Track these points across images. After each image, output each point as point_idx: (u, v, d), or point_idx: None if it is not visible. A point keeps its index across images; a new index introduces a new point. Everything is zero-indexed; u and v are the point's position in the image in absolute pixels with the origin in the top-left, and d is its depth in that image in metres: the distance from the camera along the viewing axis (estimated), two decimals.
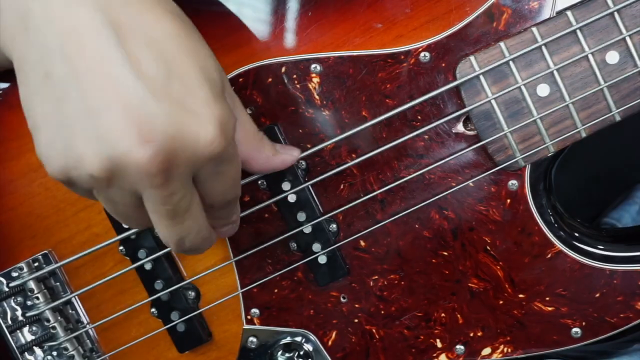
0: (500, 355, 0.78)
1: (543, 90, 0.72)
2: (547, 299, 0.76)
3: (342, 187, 0.78)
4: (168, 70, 0.56)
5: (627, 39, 0.70)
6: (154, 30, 0.57)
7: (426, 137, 0.75)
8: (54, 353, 0.86)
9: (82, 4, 0.55)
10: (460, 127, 0.75)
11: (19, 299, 0.86)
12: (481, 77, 0.72)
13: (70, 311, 0.86)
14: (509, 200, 0.75)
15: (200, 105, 0.57)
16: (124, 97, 0.54)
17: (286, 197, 0.77)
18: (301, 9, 0.75)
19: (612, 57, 0.70)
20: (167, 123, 0.55)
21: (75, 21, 0.55)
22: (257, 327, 0.82)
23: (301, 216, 0.78)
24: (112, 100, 0.54)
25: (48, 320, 0.84)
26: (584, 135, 0.72)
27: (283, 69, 0.76)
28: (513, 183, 0.75)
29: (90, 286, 0.83)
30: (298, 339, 0.82)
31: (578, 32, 0.70)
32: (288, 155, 0.74)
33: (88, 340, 0.87)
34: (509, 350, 0.78)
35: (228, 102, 0.62)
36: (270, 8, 0.76)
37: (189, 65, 0.58)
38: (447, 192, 0.76)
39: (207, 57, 0.61)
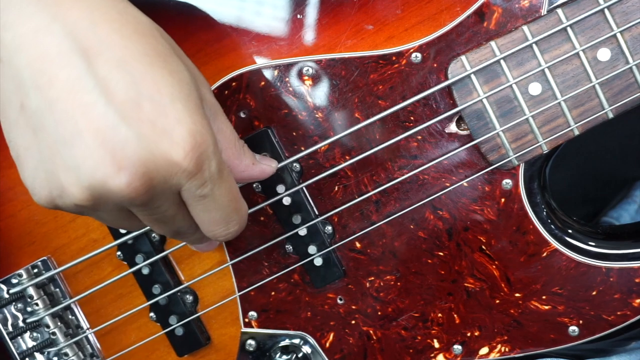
0: (498, 354, 0.78)
1: (535, 88, 0.71)
2: (544, 297, 0.76)
3: (336, 189, 0.78)
4: (137, 92, 0.55)
5: (618, 35, 0.69)
6: (122, 51, 0.56)
7: (419, 137, 0.75)
8: (55, 358, 0.86)
9: (49, 32, 0.55)
10: (453, 127, 0.75)
11: (20, 305, 0.86)
12: (472, 76, 0.72)
13: (70, 316, 0.87)
14: (503, 200, 0.75)
15: (171, 125, 0.56)
16: (95, 123, 0.54)
17: (281, 199, 0.78)
18: (292, 13, 0.76)
19: (604, 54, 0.70)
20: (139, 146, 0.55)
21: (43, 49, 0.55)
22: (255, 329, 0.83)
23: (296, 219, 0.78)
24: (84, 128, 0.54)
25: (48, 326, 0.85)
26: (576, 133, 0.72)
27: (276, 72, 0.76)
28: (507, 182, 0.75)
29: (89, 291, 0.83)
30: (296, 341, 0.82)
31: (569, 29, 0.70)
32: (266, 165, 0.73)
33: (88, 345, 0.87)
34: (507, 349, 0.78)
35: (207, 113, 0.62)
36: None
37: (160, 83, 0.57)
38: (441, 193, 0.76)
39: (180, 70, 0.60)
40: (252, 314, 0.82)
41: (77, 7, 0.56)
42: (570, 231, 0.75)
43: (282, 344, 0.82)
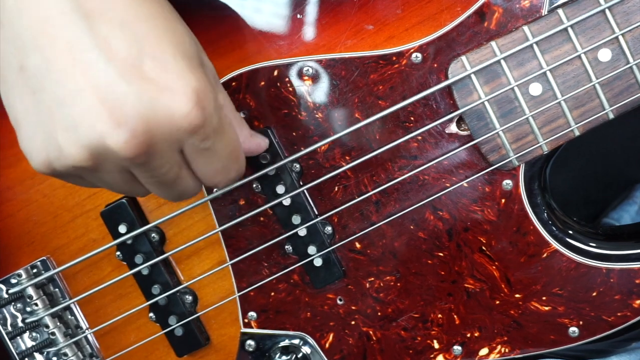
0: (498, 355, 0.78)
1: (535, 89, 0.71)
2: (544, 298, 0.76)
3: (336, 189, 0.78)
4: (139, 50, 0.55)
5: (620, 36, 0.69)
6: (124, 13, 0.56)
7: (419, 138, 0.75)
8: (54, 358, 0.86)
9: None
10: (453, 128, 0.75)
11: (19, 305, 0.86)
12: (473, 77, 0.72)
13: (69, 317, 0.87)
14: (503, 200, 0.75)
15: (174, 80, 0.56)
16: (94, 81, 0.54)
17: (281, 200, 0.77)
18: (292, 12, 0.75)
19: (604, 54, 0.70)
20: (139, 103, 0.54)
21: (45, 11, 0.55)
22: (255, 330, 0.83)
23: (296, 219, 0.78)
24: (84, 86, 0.54)
25: (47, 326, 0.85)
26: (577, 133, 0.72)
27: (275, 72, 0.76)
28: (507, 183, 0.74)
29: (89, 292, 0.83)
30: (295, 341, 0.82)
31: (569, 30, 0.70)
32: (261, 139, 0.74)
33: (87, 346, 0.87)
34: (507, 350, 0.78)
35: (208, 75, 0.62)
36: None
37: (162, 42, 0.57)
38: (441, 193, 0.76)
39: (183, 33, 0.60)
40: (252, 314, 0.82)
41: None
42: (570, 232, 0.75)
43: (282, 344, 0.82)
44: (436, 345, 0.79)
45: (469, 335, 0.78)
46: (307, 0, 0.75)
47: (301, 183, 0.78)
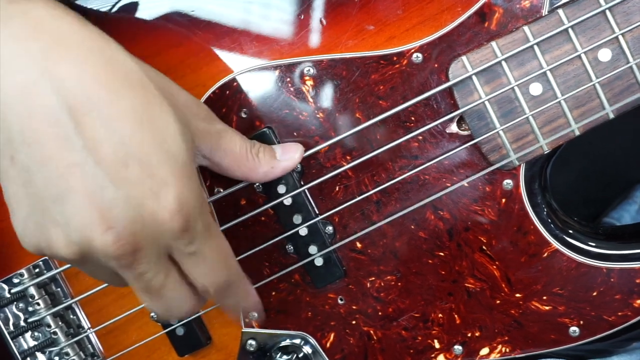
0: (499, 355, 0.78)
1: (536, 89, 0.71)
2: (544, 298, 0.76)
3: (337, 189, 0.78)
4: (126, 153, 0.56)
5: (620, 36, 0.69)
6: (109, 109, 0.56)
7: (420, 137, 0.75)
8: (56, 358, 0.86)
9: (37, 88, 0.55)
10: (454, 127, 0.75)
11: (21, 305, 0.86)
12: (474, 77, 0.72)
13: (71, 316, 0.87)
14: (504, 200, 0.75)
15: (159, 186, 0.57)
16: (85, 183, 0.55)
17: (282, 200, 0.78)
18: (293, 13, 0.76)
19: (605, 54, 0.70)
20: (127, 207, 0.56)
21: (32, 106, 0.55)
22: (256, 330, 0.83)
23: (297, 218, 0.78)
24: (75, 188, 0.55)
25: (49, 326, 0.85)
26: (577, 133, 0.72)
27: (277, 73, 0.76)
28: (508, 182, 0.75)
29: (90, 292, 0.84)
30: (297, 341, 0.82)
31: (570, 30, 0.70)
32: (288, 161, 0.74)
33: (89, 345, 0.87)
34: (507, 350, 0.78)
35: (210, 141, 0.64)
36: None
37: (147, 144, 0.57)
38: (442, 193, 0.76)
39: (169, 126, 0.59)
40: (253, 314, 0.82)
41: (65, 60, 0.56)
42: (570, 231, 0.76)
43: (283, 344, 0.82)
44: (437, 345, 0.79)
45: (469, 334, 0.78)
46: (309, 1, 0.75)
47: (302, 183, 0.78)
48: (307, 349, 0.82)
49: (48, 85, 0.55)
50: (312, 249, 0.78)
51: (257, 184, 0.78)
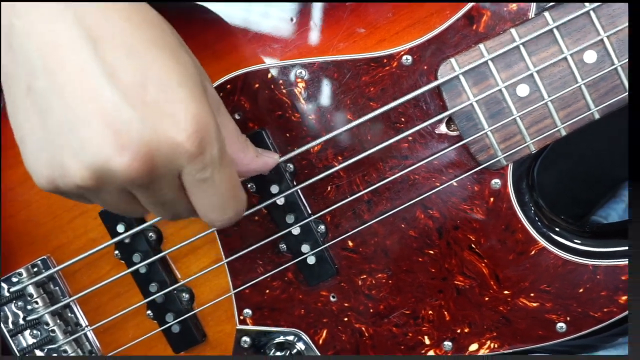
0: (487, 350, 0.79)
1: (523, 90, 0.73)
2: (532, 295, 0.77)
3: (329, 188, 0.79)
4: (144, 76, 0.57)
5: (605, 38, 0.71)
6: (130, 38, 0.58)
7: (410, 138, 0.77)
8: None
9: (60, 19, 0.57)
10: (443, 128, 0.76)
11: (20, 303, 0.88)
12: (462, 78, 0.73)
13: (69, 314, 0.88)
14: (492, 199, 0.77)
15: (177, 107, 0.58)
16: (101, 106, 0.56)
17: (275, 199, 0.79)
18: (286, 16, 0.77)
19: (590, 56, 0.72)
20: (142, 128, 0.56)
21: (55, 35, 0.57)
22: (250, 327, 0.84)
23: (290, 218, 0.80)
24: (91, 111, 0.56)
25: (48, 324, 0.87)
26: (563, 133, 0.74)
27: (270, 75, 0.78)
28: (496, 182, 0.76)
29: (88, 290, 0.85)
30: (290, 338, 0.84)
31: (555, 32, 0.71)
32: (269, 158, 0.75)
33: (87, 342, 0.89)
34: (496, 345, 0.79)
35: (211, 103, 0.63)
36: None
37: (166, 68, 0.59)
38: (431, 192, 0.77)
39: (187, 60, 0.62)
40: (247, 311, 0.84)
41: None
42: (557, 229, 0.77)
43: (277, 340, 0.84)
44: (427, 341, 0.81)
45: (459, 331, 0.80)
46: (301, 4, 0.76)
47: (295, 183, 0.79)
48: (300, 346, 0.83)
49: (71, 17, 0.57)
50: (305, 248, 0.80)
51: (250, 184, 0.79)
